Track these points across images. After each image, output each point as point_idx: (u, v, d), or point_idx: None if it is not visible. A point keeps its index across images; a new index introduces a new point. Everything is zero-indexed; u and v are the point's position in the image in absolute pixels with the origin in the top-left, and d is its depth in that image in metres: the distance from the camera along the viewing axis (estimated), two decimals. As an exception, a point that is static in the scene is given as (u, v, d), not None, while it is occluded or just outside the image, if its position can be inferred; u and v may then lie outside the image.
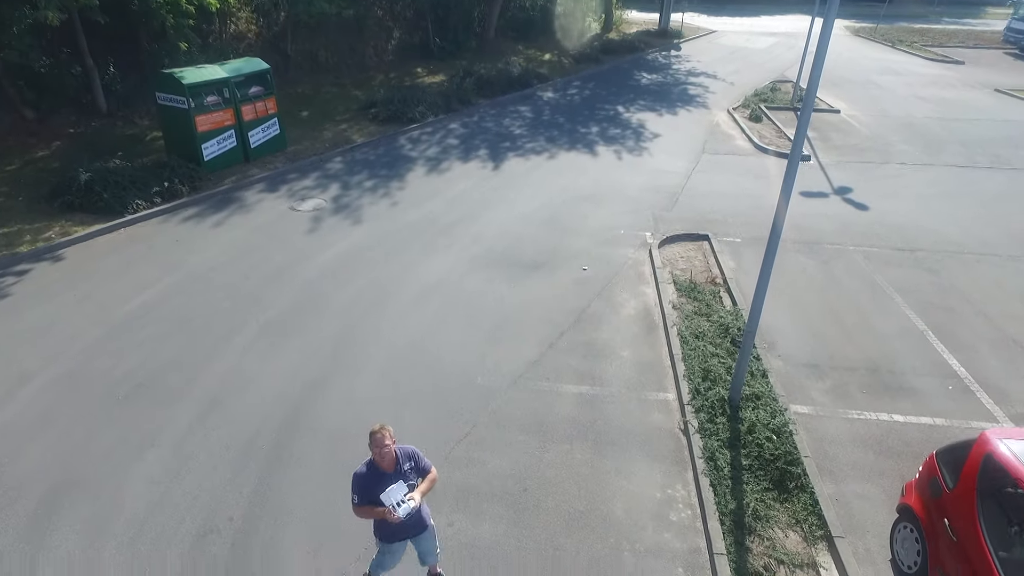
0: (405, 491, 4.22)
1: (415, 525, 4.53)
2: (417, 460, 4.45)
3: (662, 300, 9.15)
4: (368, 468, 4.32)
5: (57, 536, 5.55)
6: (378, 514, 4.22)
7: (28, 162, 13.56)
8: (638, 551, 5.55)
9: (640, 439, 6.76)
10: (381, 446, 4.22)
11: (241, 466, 6.30)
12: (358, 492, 4.27)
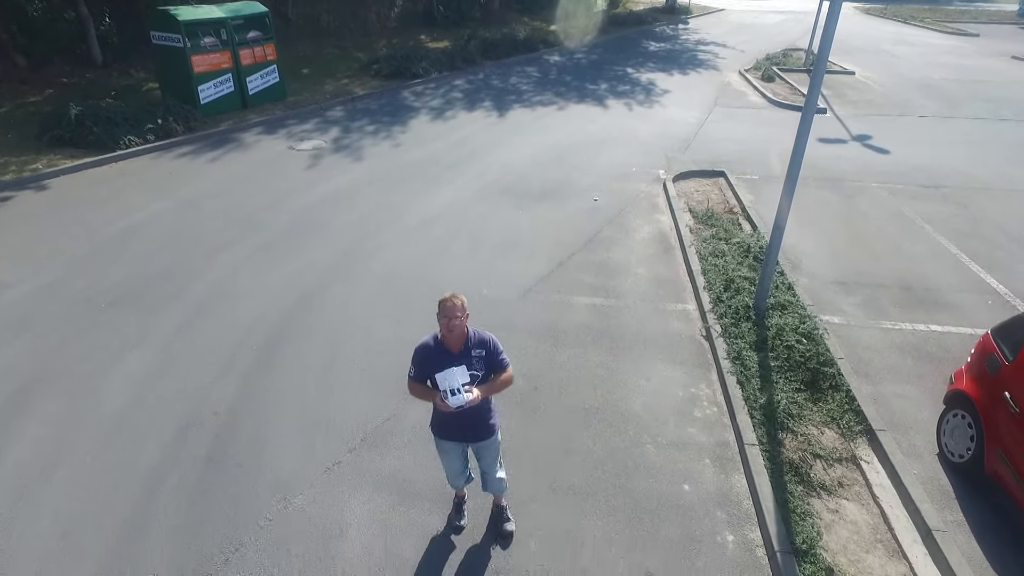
0: (466, 380, 3.47)
1: (473, 427, 3.78)
2: (491, 350, 3.61)
3: (678, 225, 8.66)
4: (434, 342, 3.61)
5: (24, 430, 5.07)
6: (429, 396, 3.57)
7: (19, 106, 13.15)
8: (660, 444, 5.06)
9: (659, 344, 6.27)
10: (450, 316, 3.43)
11: (229, 365, 5.83)
12: (416, 364, 3.61)
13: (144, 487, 4.58)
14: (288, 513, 4.39)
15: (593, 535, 4.29)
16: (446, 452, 3.94)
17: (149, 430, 5.08)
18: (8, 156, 10.58)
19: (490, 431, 3.86)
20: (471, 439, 3.87)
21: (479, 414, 3.71)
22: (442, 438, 3.87)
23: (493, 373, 3.64)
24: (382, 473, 4.71)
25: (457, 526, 4.25)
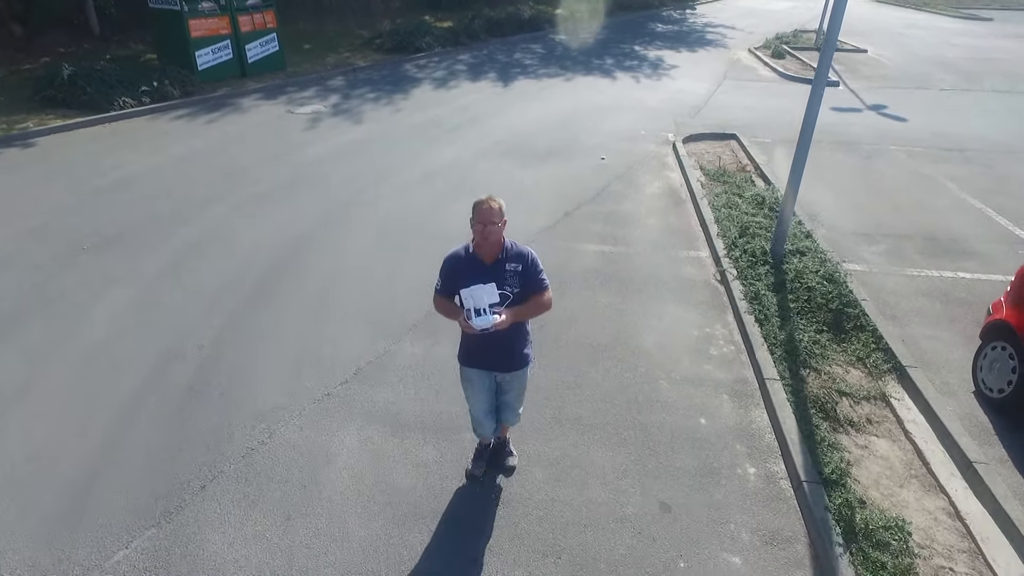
0: (494, 300, 3.01)
1: (502, 355, 3.34)
2: (528, 266, 3.14)
3: (689, 180, 8.30)
4: (465, 252, 3.20)
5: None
6: (454, 315, 3.14)
7: (13, 72, 12.89)
8: (674, 379, 4.71)
9: (671, 288, 5.92)
10: (486, 222, 2.99)
11: (217, 303, 5.51)
12: (443, 276, 3.20)
13: (120, 414, 4.26)
14: (272, 442, 4.06)
15: (602, 466, 3.94)
16: (471, 384, 3.47)
17: (128, 360, 4.76)
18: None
19: (522, 362, 3.42)
20: (499, 368, 3.40)
21: (510, 341, 3.29)
22: (465, 363, 3.45)
23: (529, 294, 3.17)
24: (375, 406, 4.38)
25: (473, 475, 3.83)
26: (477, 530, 3.53)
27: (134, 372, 4.64)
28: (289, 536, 3.45)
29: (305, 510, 3.60)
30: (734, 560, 3.38)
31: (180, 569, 3.28)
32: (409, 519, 3.56)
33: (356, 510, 3.61)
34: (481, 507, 3.68)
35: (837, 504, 3.57)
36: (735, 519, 3.61)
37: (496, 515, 3.62)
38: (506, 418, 3.70)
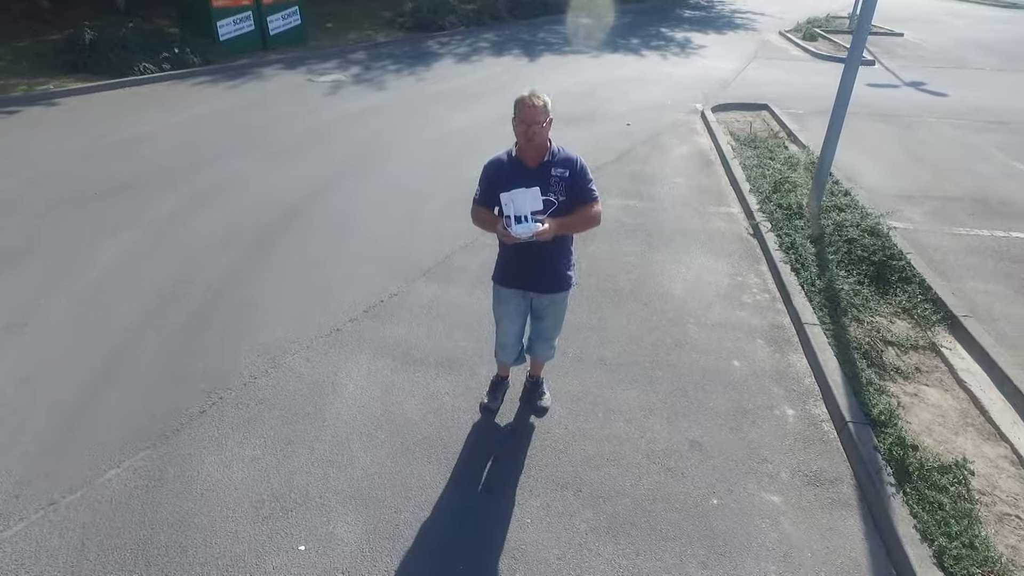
0: (537, 207, 2.71)
1: (542, 274, 3.03)
2: (577, 172, 2.83)
3: (719, 143, 7.96)
4: (507, 156, 2.92)
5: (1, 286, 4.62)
6: (491, 225, 2.85)
7: (38, 42, 12.89)
8: (704, 324, 4.40)
9: (699, 240, 5.60)
10: (529, 122, 2.70)
11: (225, 245, 5.32)
12: (483, 183, 2.92)
13: (119, 343, 4.07)
14: (276, 371, 3.84)
15: (627, 404, 3.65)
16: (504, 305, 3.18)
17: (132, 294, 4.58)
18: (20, 78, 10.28)
19: (562, 284, 3.10)
20: (537, 289, 3.09)
21: (551, 258, 3.00)
22: (502, 284, 3.15)
23: (576, 204, 2.86)
24: (385, 341, 4.14)
25: (488, 408, 3.56)
26: (492, 461, 3.26)
27: (137, 305, 4.46)
28: (289, 461, 3.22)
29: (307, 436, 3.37)
30: (772, 499, 3.07)
31: (173, 488, 3.06)
32: (418, 448, 3.31)
33: (361, 438, 3.36)
34: (496, 439, 3.42)
35: (888, 444, 3.23)
36: (773, 459, 3.30)
37: (512, 447, 3.34)
38: (540, 352, 3.41)
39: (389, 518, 2.93)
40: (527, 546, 2.81)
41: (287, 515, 2.93)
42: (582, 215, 2.88)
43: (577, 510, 2.99)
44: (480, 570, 2.70)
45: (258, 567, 2.69)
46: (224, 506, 2.97)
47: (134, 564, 2.70)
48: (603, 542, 2.83)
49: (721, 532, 2.89)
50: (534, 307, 3.20)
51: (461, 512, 2.98)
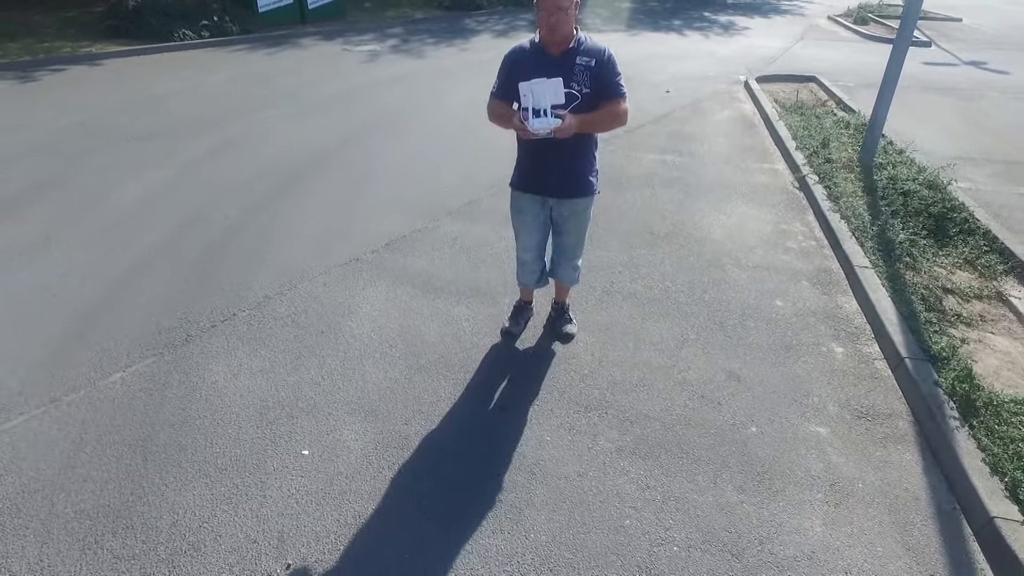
0: (559, 100, 2.47)
1: (562, 178, 2.79)
2: (604, 63, 2.57)
3: (763, 107, 7.58)
4: (530, 44, 2.67)
5: (27, 212, 4.59)
6: (508, 120, 2.60)
7: (85, 12, 13.20)
8: (745, 265, 4.10)
9: (741, 192, 5.29)
10: (551, 9, 2.46)
11: (249, 183, 5.24)
12: (502, 73, 2.68)
13: (136, 264, 3.99)
14: (291, 293, 3.70)
15: (659, 335, 3.39)
16: (522, 214, 2.96)
17: (154, 222, 4.52)
18: (65, 41, 10.48)
19: (584, 188, 2.86)
20: (556, 193, 2.85)
21: (572, 160, 2.77)
22: (519, 190, 2.93)
23: (602, 99, 2.61)
24: (406, 271, 3.97)
25: (510, 332, 3.34)
26: (510, 381, 3.05)
27: (157, 232, 4.39)
28: (298, 373, 3.06)
29: (318, 352, 3.21)
30: (818, 430, 2.78)
31: (177, 392, 2.92)
32: (433, 367, 3.11)
33: (374, 356, 3.19)
34: (516, 362, 3.20)
35: (950, 379, 2.91)
36: (819, 393, 3.00)
37: (533, 370, 3.12)
38: (563, 274, 3.18)
39: (398, 429, 2.74)
40: (545, 462, 2.59)
41: (292, 422, 2.77)
42: (607, 111, 2.63)
43: (601, 431, 2.75)
44: (493, 483, 2.49)
45: (259, 468, 2.53)
46: (228, 411, 2.82)
47: (131, 459, 2.56)
48: (629, 462, 2.59)
49: (760, 459, 2.62)
50: (554, 219, 2.98)
51: (475, 427, 2.77)
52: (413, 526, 2.30)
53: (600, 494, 2.45)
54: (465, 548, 2.22)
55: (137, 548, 2.21)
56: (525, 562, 2.18)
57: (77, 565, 2.14)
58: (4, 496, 2.38)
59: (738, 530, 2.31)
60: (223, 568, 2.14)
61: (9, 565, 2.14)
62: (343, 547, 2.23)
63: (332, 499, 2.40)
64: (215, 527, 2.29)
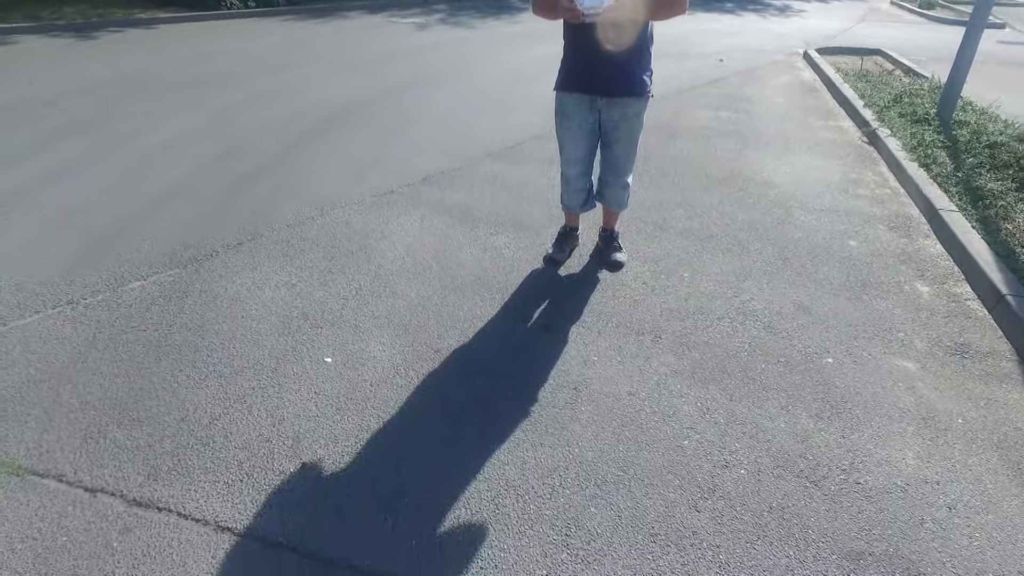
0: None
1: (611, 74, 2.50)
2: None
3: (825, 74, 7.12)
4: None
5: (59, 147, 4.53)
6: (553, 8, 2.31)
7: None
8: (812, 209, 3.75)
9: (804, 145, 4.90)
10: None
11: (285, 126, 5.10)
12: None
13: (166, 189, 3.88)
14: (323, 218, 3.51)
15: (718, 268, 3.08)
16: (568, 120, 2.66)
17: (188, 157, 4.40)
18: (117, 8, 10.63)
19: (635, 87, 2.54)
20: (605, 91, 2.54)
21: (624, 55, 2.46)
22: (565, 90, 2.64)
23: None
24: (443, 203, 3.74)
25: (553, 259, 3.07)
26: (552, 303, 2.77)
27: (191, 165, 4.26)
28: (325, 288, 2.84)
29: (348, 270, 2.99)
30: (906, 364, 2.43)
31: (197, 300, 2.74)
32: (470, 288, 2.87)
33: (407, 275, 2.96)
34: (560, 286, 2.93)
35: (1063, 316, 2.51)
36: (903, 328, 2.65)
37: (578, 295, 2.84)
38: (612, 195, 2.89)
39: (430, 343, 2.49)
40: (591, 381, 2.30)
41: (316, 331, 2.55)
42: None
43: (655, 354, 2.45)
44: (533, 398, 2.22)
45: (276, 372, 2.32)
46: (248, 318, 2.62)
47: (143, 357, 2.38)
48: (687, 385, 2.29)
49: (839, 389, 2.29)
50: (603, 126, 2.68)
51: (513, 345, 2.51)
52: (441, 434, 2.05)
53: (654, 414, 2.15)
54: (499, 458, 1.96)
55: (142, 440, 2.01)
56: (568, 476, 1.90)
57: (77, 452, 1.96)
58: (9, 385, 2.22)
59: (816, 458, 1.99)
60: (232, 464, 1.93)
61: (7, 449, 1.96)
62: (363, 450, 1.99)
63: (354, 405, 2.17)
64: (226, 424, 2.08)
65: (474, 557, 1.66)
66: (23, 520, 1.74)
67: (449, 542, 1.71)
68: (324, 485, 1.87)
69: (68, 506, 1.79)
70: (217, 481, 1.87)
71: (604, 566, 1.65)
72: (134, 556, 1.65)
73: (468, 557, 1.66)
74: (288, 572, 1.62)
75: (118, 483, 1.87)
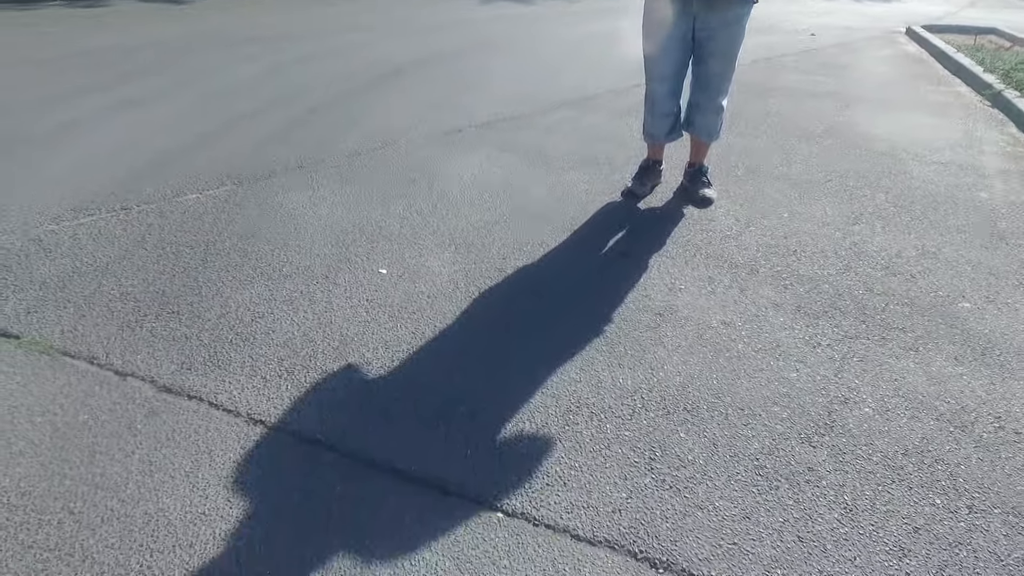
0: None
1: None
2: None
3: (934, 45, 6.49)
4: None
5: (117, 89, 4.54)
6: None
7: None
8: (929, 161, 3.30)
9: (915, 105, 4.41)
10: None
11: (351, 74, 4.95)
12: None
13: (227, 122, 3.79)
14: (385, 150, 3.33)
15: (822, 211, 2.71)
16: (657, 28, 2.37)
17: (251, 97, 4.31)
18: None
19: None
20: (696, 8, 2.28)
21: None
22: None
23: None
24: (512, 142, 3.49)
25: (632, 193, 2.76)
26: (630, 233, 2.48)
27: (254, 104, 4.17)
28: (384, 208, 2.64)
29: (408, 194, 2.79)
30: (1065, 314, 1.99)
31: (250, 211, 2.59)
32: (539, 216, 2.61)
33: (471, 201, 2.72)
34: (640, 218, 2.63)
35: None
36: (1058, 280, 2.20)
37: (661, 226, 2.53)
38: (702, 122, 2.57)
39: (493, 263, 2.24)
40: (678, 308, 1.99)
41: (372, 245, 2.35)
42: None
43: (752, 286, 2.12)
44: (609, 318, 1.93)
45: (327, 279, 2.12)
46: (302, 230, 2.45)
47: (190, 258, 2.23)
48: (791, 319, 1.95)
49: (980, 335, 1.90)
50: (697, 35, 2.36)
51: (587, 269, 2.23)
52: (502, 348, 1.80)
53: (753, 344, 1.83)
54: (569, 376, 1.69)
55: (179, 331, 1.84)
56: (651, 399, 1.61)
57: (112, 338, 1.80)
58: (53, 274, 2.11)
59: (959, 402, 1.62)
60: (271, 360, 1.73)
61: (43, 331, 1.83)
62: (415, 357, 1.75)
63: (408, 314, 1.94)
64: (269, 323, 1.89)
65: (538, 472, 1.39)
66: (47, 395, 1.59)
67: (509, 454, 1.44)
68: (370, 387, 1.64)
69: (95, 386, 1.63)
70: (254, 375, 1.68)
71: (697, 495, 1.35)
72: (157, 439, 1.47)
73: (531, 471, 1.39)
74: (323, 469, 1.40)
75: (150, 369, 1.69)
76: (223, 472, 1.38)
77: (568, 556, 1.22)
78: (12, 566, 1.17)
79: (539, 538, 1.25)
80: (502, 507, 1.31)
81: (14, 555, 1.19)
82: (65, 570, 1.17)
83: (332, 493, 1.34)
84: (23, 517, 1.27)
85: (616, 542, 1.24)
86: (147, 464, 1.40)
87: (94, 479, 1.36)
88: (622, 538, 1.25)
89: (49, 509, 1.29)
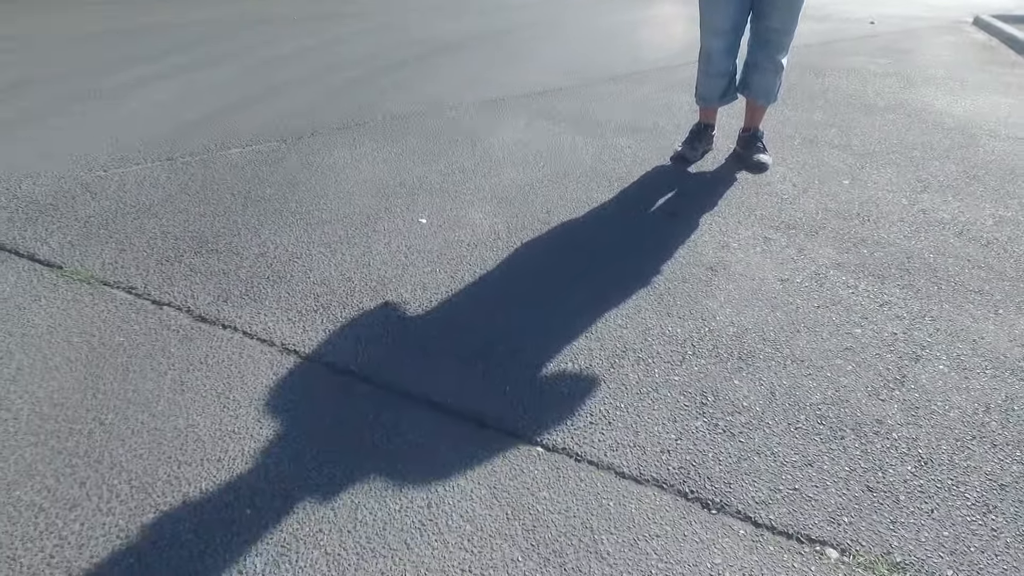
0: None
1: None
2: None
3: (1006, 32, 6.13)
4: None
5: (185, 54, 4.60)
6: None
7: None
8: (1007, 137, 3.09)
9: (988, 86, 4.14)
10: None
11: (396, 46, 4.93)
12: None
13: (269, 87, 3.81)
14: (428, 114, 3.29)
15: (886, 179, 2.55)
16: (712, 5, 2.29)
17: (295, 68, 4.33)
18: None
19: None
20: None
21: None
22: None
23: None
24: (557, 110, 3.41)
25: (682, 157, 2.63)
26: (679, 194, 2.37)
27: (304, 69, 4.19)
28: (425, 165, 2.59)
29: (451, 153, 2.74)
30: None
31: (292, 165, 2.57)
32: (586, 177, 2.52)
33: (515, 162, 2.65)
34: (690, 180, 2.52)
35: None
36: None
37: (711, 189, 2.42)
38: (759, 82, 2.44)
39: (537, 216, 2.17)
40: (731, 264, 1.88)
41: (412, 197, 2.30)
42: None
43: (810, 248, 1.99)
44: (656, 271, 1.83)
45: (366, 226, 2.08)
46: (342, 181, 2.42)
47: (231, 203, 2.22)
48: (855, 278, 1.82)
49: (1070, 302, 1.73)
50: None
51: (633, 225, 2.13)
52: (544, 293, 1.73)
53: (813, 300, 1.71)
54: (615, 322, 1.60)
55: (216, 267, 1.82)
56: (702, 347, 1.51)
57: (151, 271, 1.79)
58: (97, 214, 2.12)
59: (1047, 365, 1.47)
60: (307, 296, 1.69)
61: (84, 263, 1.83)
62: (454, 299, 1.69)
63: (447, 260, 1.88)
64: (307, 263, 1.85)
65: (581, 410, 1.31)
66: (85, 319, 1.58)
67: (550, 392, 1.36)
68: (407, 324, 1.59)
69: (132, 313, 1.61)
70: (290, 309, 1.64)
71: (754, 440, 1.24)
72: (190, 362, 1.43)
73: (573, 409, 1.31)
74: (357, 399, 1.35)
75: (186, 300, 1.67)
76: (255, 395, 1.34)
77: (613, 492, 1.13)
78: (41, 468, 1.14)
79: (581, 472, 1.17)
80: (542, 442, 1.23)
81: (43, 459, 1.17)
82: (93, 475, 1.14)
83: (364, 420, 1.28)
84: (54, 426, 1.24)
85: (665, 481, 1.15)
86: (179, 384, 1.37)
87: (126, 394, 1.33)
88: (671, 478, 1.16)
89: (81, 419, 1.26)
